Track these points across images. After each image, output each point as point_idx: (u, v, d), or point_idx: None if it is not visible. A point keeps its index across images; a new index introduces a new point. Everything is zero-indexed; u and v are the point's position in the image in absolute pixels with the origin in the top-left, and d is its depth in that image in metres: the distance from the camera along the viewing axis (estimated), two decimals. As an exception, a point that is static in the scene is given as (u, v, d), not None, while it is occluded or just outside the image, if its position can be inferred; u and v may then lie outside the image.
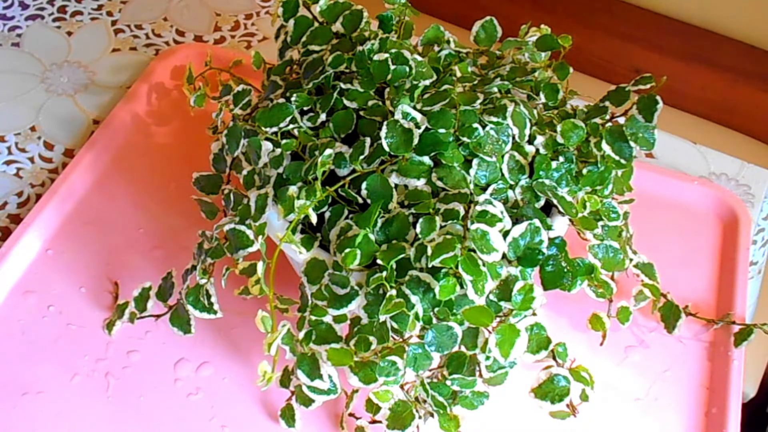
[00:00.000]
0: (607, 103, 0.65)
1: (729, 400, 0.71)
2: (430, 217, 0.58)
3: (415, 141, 0.59)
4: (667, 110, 0.70)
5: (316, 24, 0.70)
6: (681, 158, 0.93)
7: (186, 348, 0.73)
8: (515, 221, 0.59)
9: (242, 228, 0.60)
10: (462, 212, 0.58)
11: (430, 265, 0.56)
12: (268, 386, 0.58)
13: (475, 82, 0.65)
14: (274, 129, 0.64)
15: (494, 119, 0.61)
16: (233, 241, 0.60)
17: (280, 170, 0.62)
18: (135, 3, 1.07)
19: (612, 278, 0.69)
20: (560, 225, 0.63)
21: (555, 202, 0.61)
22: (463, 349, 0.58)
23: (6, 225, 0.83)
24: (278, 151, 0.62)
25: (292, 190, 0.59)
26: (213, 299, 0.64)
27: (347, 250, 0.57)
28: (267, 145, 0.62)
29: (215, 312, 0.64)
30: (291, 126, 0.64)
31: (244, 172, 0.64)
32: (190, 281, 0.65)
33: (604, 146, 0.63)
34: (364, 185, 0.60)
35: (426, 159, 0.60)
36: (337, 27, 0.69)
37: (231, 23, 1.05)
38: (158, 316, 0.70)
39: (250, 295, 0.61)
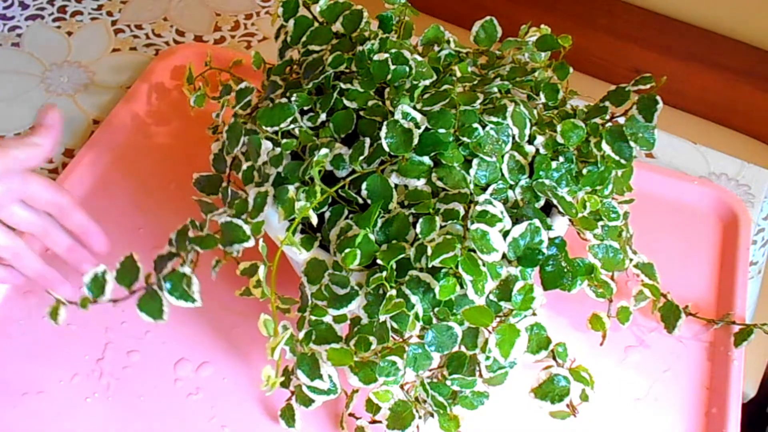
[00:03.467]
0: (607, 103, 0.65)
1: (729, 400, 0.71)
2: (430, 217, 0.58)
3: (415, 141, 0.59)
4: (667, 110, 0.70)
5: (316, 24, 0.70)
6: (681, 158, 0.93)
7: (186, 348, 0.73)
8: (515, 221, 0.59)
9: (238, 222, 0.59)
10: (462, 212, 0.58)
11: (430, 265, 0.56)
12: (273, 391, 0.58)
13: (475, 82, 0.65)
14: (275, 129, 0.64)
15: (494, 119, 0.61)
16: (228, 235, 0.60)
17: (280, 169, 0.62)
18: (135, 3, 1.07)
19: (612, 278, 0.69)
20: (560, 225, 0.63)
21: (555, 202, 0.61)
22: (463, 349, 0.58)
23: (6, 225, 0.83)
24: (278, 150, 0.62)
25: (292, 191, 0.59)
26: (194, 288, 0.59)
27: (347, 250, 0.57)
28: (267, 144, 0.62)
29: (194, 300, 0.59)
30: (292, 126, 0.64)
31: (244, 167, 0.64)
32: (170, 267, 0.62)
33: (604, 146, 0.63)
34: (364, 185, 0.60)
35: (426, 159, 0.60)
36: (337, 27, 0.69)
37: (231, 23, 1.05)
38: (116, 301, 0.61)
39: (252, 296, 0.61)
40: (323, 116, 0.64)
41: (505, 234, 0.57)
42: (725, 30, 1.20)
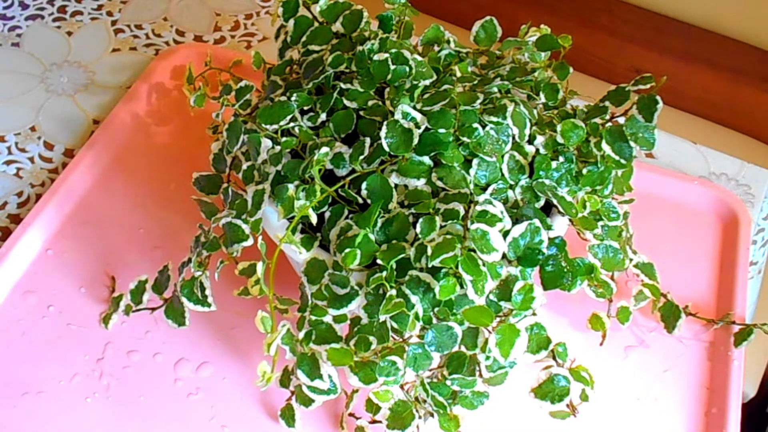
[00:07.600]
0: (607, 103, 0.65)
1: (729, 400, 0.71)
2: (430, 217, 0.58)
3: (415, 141, 0.59)
4: (667, 110, 0.70)
5: (316, 24, 0.70)
6: (681, 158, 0.93)
7: (186, 348, 0.73)
8: (515, 221, 0.59)
9: (238, 222, 0.60)
10: (462, 212, 0.58)
11: (430, 265, 0.56)
12: (268, 386, 0.58)
13: (475, 82, 0.65)
14: (275, 126, 0.64)
15: (494, 119, 0.61)
16: (229, 235, 0.61)
17: (279, 167, 0.62)
18: (135, 3, 1.07)
19: (612, 278, 0.69)
20: (560, 225, 0.63)
21: (555, 202, 0.61)
22: (463, 349, 0.58)
23: (6, 225, 0.83)
24: (278, 148, 0.62)
25: (292, 189, 0.59)
26: (207, 291, 0.64)
27: (347, 250, 0.57)
28: (266, 142, 0.62)
29: (209, 305, 0.64)
30: (291, 124, 0.64)
31: (244, 167, 0.64)
32: (185, 274, 0.65)
33: (604, 146, 0.63)
34: (364, 185, 0.60)
35: (426, 159, 0.60)
36: (337, 27, 0.69)
37: (231, 23, 1.05)
38: (153, 309, 0.71)
39: (250, 295, 0.61)
40: (323, 116, 0.64)
41: (505, 234, 0.57)
42: (725, 30, 1.20)
